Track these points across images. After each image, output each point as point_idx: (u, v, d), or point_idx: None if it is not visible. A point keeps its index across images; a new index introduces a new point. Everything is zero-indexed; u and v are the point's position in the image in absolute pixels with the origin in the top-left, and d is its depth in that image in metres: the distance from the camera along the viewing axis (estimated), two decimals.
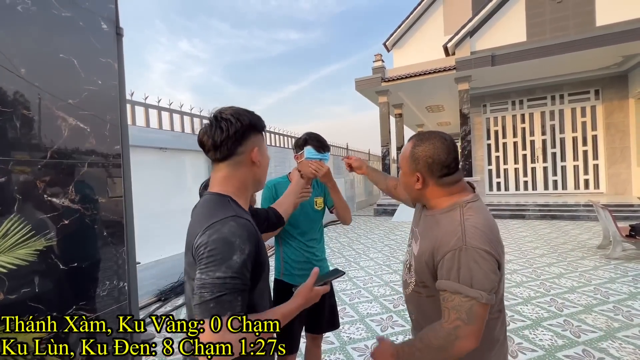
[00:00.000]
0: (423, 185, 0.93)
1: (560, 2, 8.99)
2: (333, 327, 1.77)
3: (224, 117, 0.82)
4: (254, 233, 0.76)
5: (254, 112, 0.90)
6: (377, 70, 10.36)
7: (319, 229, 1.73)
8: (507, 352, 0.97)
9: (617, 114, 9.50)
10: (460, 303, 0.79)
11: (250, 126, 0.84)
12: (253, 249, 0.73)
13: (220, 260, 0.68)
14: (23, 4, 1.18)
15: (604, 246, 4.98)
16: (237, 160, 0.84)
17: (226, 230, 0.71)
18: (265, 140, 0.92)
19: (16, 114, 1.19)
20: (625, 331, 2.53)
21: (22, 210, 1.16)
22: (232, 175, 0.85)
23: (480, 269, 0.79)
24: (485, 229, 0.83)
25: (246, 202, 0.89)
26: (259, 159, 0.87)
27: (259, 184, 0.93)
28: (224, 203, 0.80)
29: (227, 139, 0.81)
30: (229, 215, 0.74)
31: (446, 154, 0.90)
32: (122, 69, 1.57)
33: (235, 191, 0.85)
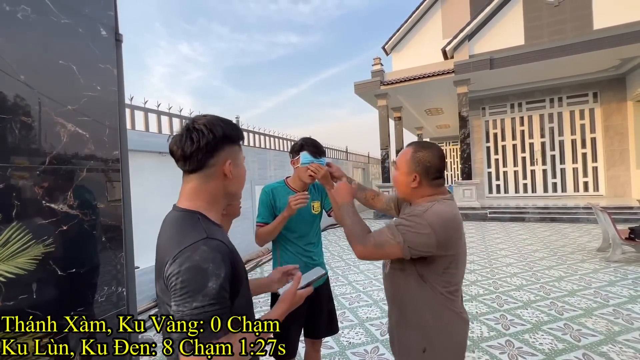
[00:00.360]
0: (418, 184, 1.13)
1: (557, 5, 9.06)
2: (332, 332, 1.76)
3: (196, 127, 0.78)
4: (228, 252, 0.73)
5: (231, 121, 0.86)
6: (376, 73, 10.39)
7: (316, 233, 1.72)
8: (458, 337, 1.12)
9: (615, 116, 9.53)
10: (391, 233, 1.05)
11: (224, 138, 0.80)
12: (229, 270, 0.71)
13: (195, 290, 0.65)
14: (23, 11, 1.18)
15: (604, 249, 4.98)
16: (208, 173, 0.80)
17: (197, 257, 0.68)
18: (241, 150, 0.88)
19: (15, 120, 1.19)
20: (626, 335, 2.52)
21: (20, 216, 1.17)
22: (202, 189, 0.81)
23: (418, 233, 1.01)
24: (444, 217, 1.04)
25: (218, 215, 0.85)
26: (233, 172, 0.83)
27: (232, 196, 0.89)
28: (193, 222, 0.76)
29: (198, 151, 0.77)
30: (199, 239, 0.70)
31: (440, 162, 1.13)
32: (121, 74, 1.57)
33: (206, 205, 0.81)
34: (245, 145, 6.34)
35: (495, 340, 2.53)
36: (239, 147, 0.86)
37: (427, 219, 1.02)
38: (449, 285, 1.08)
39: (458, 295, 1.12)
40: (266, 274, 4.66)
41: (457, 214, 1.09)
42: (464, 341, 1.13)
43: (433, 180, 1.13)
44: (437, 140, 20.75)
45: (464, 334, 1.13)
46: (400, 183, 1.19)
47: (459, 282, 1.12)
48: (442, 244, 1.02)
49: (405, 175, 1.15)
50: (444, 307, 1.08)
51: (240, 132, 0.86)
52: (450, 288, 1.08)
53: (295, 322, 1.62)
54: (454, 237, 1.05)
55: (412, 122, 15.39)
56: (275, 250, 1.69)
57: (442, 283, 1.07)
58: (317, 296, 1.69)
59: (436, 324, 1.08)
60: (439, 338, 1.08)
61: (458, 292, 1.11)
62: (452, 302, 1.09)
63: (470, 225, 8.14)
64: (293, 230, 1.63)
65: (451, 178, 20.52)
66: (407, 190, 1.17)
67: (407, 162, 1.16)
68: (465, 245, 1.13)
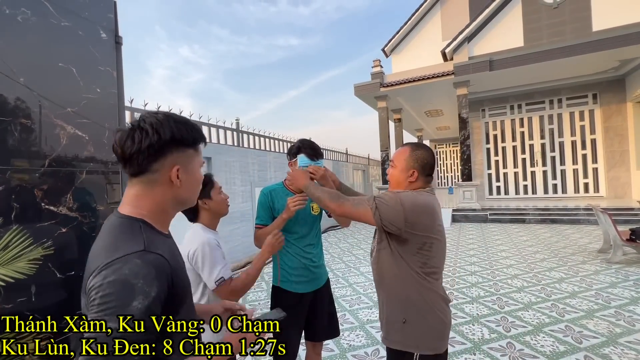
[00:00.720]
0: (416, 179, 1.27)
1: (556, 7, 9.08)
2: (333, 335, 1.75)
3: (142, 126, 0.68)
4: (167, 269, 0.64)
5: (187, 122, 0.75)
6: (375, 75, 10.41)
7: (316, 234, 1.71)
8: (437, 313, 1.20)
9: (615, 117, 9.54)
10: (367, 200, 1.22)
11: (172, 141, 0.70)
12: (164, 289, 0.62)
13: (114, 307, 0.55)
14: (23, 14, 1.19)
15: (605, 250, 4.97)
16: (152, 178, 0.70)
17: (127, 270, 0.58)
18: (198, 155, 0.78)
19: (15, 123, 1.20)
20: (628, 337, 2.51)
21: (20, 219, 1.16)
22: (146, 195, 0.71)
23: (389, 206, 1.16)
24: (417, 202, 1.17)
25: (166, 224, 0.77)
26: (182, 179, 0.73)
27: (183, 204, 0.78)
28: (133, 231, 0.66)
29: (138, 153, 0.67)
30: (134, 251, 0.61)
31: (433, 161, 1.30)
32: (121, 76, 1.58)
33: (150, 213, 0.71)
34: (245, 147, 6.35)
35: (496, 342, 2.52)
36: (194, 151, 0.76)
37: (400, 197, 1.17)
38: (424, 267, 1.19)
39: (437, 279, 1.22)
40: (266, 276, 4.65)
41: (432, 204, 1.21)
42: (445, 318, 1.21)
43: (426, 177, 1.29)
44: (437, 142, 20.77)
45: (444, 311, 1.21)
46: (396, 178, 1.31)
47: (437, 267, 1.22)
48: (409, 223, 1.14)
49: (404, 171, 1.29)
50: (420, 285, 1.19)
51: (197, 134, 0.76)
52: (426, 269, 1.19)
53: (295, 324, 1.61)
54: (423, 221, 1.17)
55: (412, 123, 15.41)
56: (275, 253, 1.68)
57: (417, 263, 1.18)
58: (318, 299, 1.69)
59: (415, 298, 1.19)
60: (417, 311, 1.19)
61: (436, 275, 1.22)
62: (429, 282, 1.19)
63: (470, 227, 8.13)
64: (292, 232, 1.62)
65: (451, 179, 20.52)
66: (401, 185, 1.30)
67: (405, 160, 1.29)
68: (440, 234, 1.22)
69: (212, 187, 1.40)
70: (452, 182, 20.10)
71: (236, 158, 5.76)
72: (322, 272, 1.72)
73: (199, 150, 0.78)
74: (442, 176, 21.05)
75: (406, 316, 1.20)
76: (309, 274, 1.64)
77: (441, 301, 1.22)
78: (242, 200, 5.78)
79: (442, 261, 1.25)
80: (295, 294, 1.61)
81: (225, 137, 5.88)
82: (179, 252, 0.80)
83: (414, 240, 1.17)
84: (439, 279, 1.23)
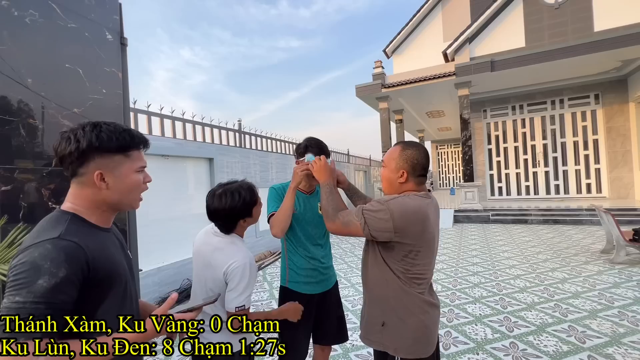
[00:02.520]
0: (406, 180, 1.21)
1: (558, 8, 9.08)
2: (342, 340, 1.73)
3: (69, 134, 0.76)
4: (81, 255, 0.70)
5: (118, 129, 0.80)
6: (377, 76, 10.43)
7: (324, 235, 1.69)
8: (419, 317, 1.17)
9: (617, 118, 9.51)
10: (356, 214, 1.18)
11: (91, 148, 0.75)
12: (75, 272, 0.68)
13: (22, 284, 0.64)
14: (31, 16, 1.21)
15: (608, 251, 4.95)
16: (81, 181, 0.78)
17: (37, 253, 0.66)
18: (128, 160, 0.81)
19: (22, 123, 1.21)
20: (631, 337, 2.50)
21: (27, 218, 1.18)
22: (79, 195, 0.79)
23: (377, 218, 1.12)
24: (406, 208, 1.12)
25: (104, 218, 0.82)
26: (110, 184, 0.78)
27: (119, 206, 0.84)
28: (58, 222, 0.74)
29: (65, 157, 0.75)
30: (49, 238, 0.69)
31: (425, 160, 1.22)
32: (126, 77, 1.60)
33: (85, 210, 0.79)
34: (247, 148, 6.36)
35: (499, 342, 2.52)
36: (123, 156, 0.80)
37: (389, 206, 1.12)
38: (407, 272, 1.15)
39: (421, 284, 1.18)
40: (269, 277, 4.66)
41: (423, 210, 1.15)
42: (428, 322, 1.17)
43: (418, 177, 1.22)
44: (438, 142, 20.75)
45: (426, 315, 1.17)
46: (387, 179, 1.27)
47: (422, 274, 1.18)
48: (399, 230, 1.11)
49: (393, 172, 1.23)
50: (401, 289, 1.16)
51: (123, 142, 0.79)
52: (409, 275, 1.16)
53: (304, 326, 1.59)
54: (412, 228, 1.12)
55: (413, 124, 15.40)
56: (283, 252, 1.67)
57: (401, 268, 1.16)
58: (326, 302, 1.67)
59: (395, 302, 1.17)
60: (397, 315, 1.17)
61: (419, 281, 1.17)
62: (411, 286, 1.16)
63: (472, 228, 8.11)
64: (301, 232, 1.60)
65: (453, 180, 20.48)
66: (393, 186, 1.25)
67: (395, 160, 1.24)
68: (429, 243, 1.17)
69: (255, 203, 1.31)
70: (454, 183, 20.06)
71: (238, 159, 5.78)
72: (330, 273, 1.70)
73: (131, 155, 0.82)
74: (443, 177, 21.01)
75: (385, 319, 1.19)
76: (318, 275, 1.62)
77: (425, 305, 1.17)
78: None
79: (428, 268, 1.20)
80: (304, 295, 1.59)
81: (227, 138, 5.90)
82: (117, 244, 0.85)
83: (401, 248, 1.14)
84: (424, 284, 1.19)
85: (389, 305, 1.18)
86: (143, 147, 0.85)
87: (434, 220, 1.20)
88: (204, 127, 5.35)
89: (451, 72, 9.24)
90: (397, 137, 12.56)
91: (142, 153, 0.87)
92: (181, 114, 4.91)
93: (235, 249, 1.23)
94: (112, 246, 0.82)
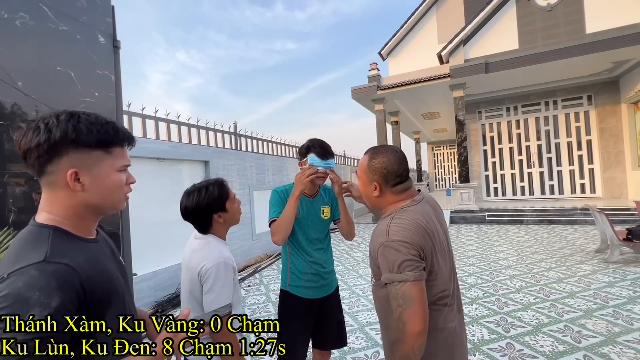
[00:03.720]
0: (380, 193, 1.05)
1: (550, 10, 9.19)
2: (341, 345, 1.72)
3: (38, 124, 0.63)
4: (74, 278, 0.61)
5: (98, 120, 0.69)
6: (372, 78, 10.47)
7: (325, 238, 1.67)
8: (457, 343, 1.01)
9: (610, 118, 9.63)
10: (396, 290, 0.89)
11: (64, 141, 0.63)
12: (70, 298, 0.59)
13: None
14: (21, 19, 1.19)
15: (602, 250, 4.99)
16: (50, 181, 0.65)
17: (21, 283, 0.56)
18: (109, 157, 0.70)
19: (12, 127, 1.19)
20: (626, 336, 2.52)
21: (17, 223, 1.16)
22: (52, 200, 0.67)
23: (403, 255, 0.90)
24: (406, 225, 0.94)
25: (86, 228, 0.72)
26: (86, 184, 0.67)
27: (100, 210, 0.72)
28: (38, 240, 0.62)
29: (29, 152, 0.63)
30: (32, 262, 0.58)
31: (398, 165, 1.04)
32: (119, 80, 1.58)
33: (64, 219, 0.67)
34: (243, 150, 6.35)
35: (496, 342, 2.52)
36: (104, 153, 0.69)
37: (392, 239, 0.93)
38: (429, 295, 0.96)
39: (446, 303, 0.99)
40: (265, 280, 4.63)
41: (420, 217, 0.98)
42: (441, 353, 0.98)
43: (394, 187, 1.04)
44: (434, 144, 20.86)
45: (453, 352, 0.99)
46: (365, 195, 1.12)
47: (444, 290, 0.99)
48: (424, 248, 0.94)
49: (367, 186, 1.08)
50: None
51: (105, 135, 0.68)
52: (432, 297, 0.97)
53: (303, 331, 1.58)
54: (426, 237, 0.96)
55: (409, 126, 15.47)
56: (285, 256, 1.65)
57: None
58: (327, 305, 1.65)
59: None
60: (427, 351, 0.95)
61: (445, 300, 0.99)
62: (437, 311, 0.97)
63: (468, 228, 8.15)
64: (303, 236, 1.58)
65: (449, 181, 20.58)
66: (372, 200, 1.10)
67: (365, 172, 1.08)
68: (443, 249, 1.01)
69: (227, 197, 1.29)
70: (450, 184, 20.16)
71: (234, 161, 5.76)
72: (332, 278, 1.69)
73: (113, 152, 0.71)
74: (440, 178, 21.10)
75: None
76: (319, 280, 1.60)
77: (450, 336, 0.98)
78: (241, 204, 5.76)
79: (447, 278, 1.00)
80: (305, 300, 1.58)
81: (223, 140, 5.88)
82: (108, 254, 0.77)
83: None
84: (449, 303, 0.99)
85: None
86: (128, 144, 0.74)
87: (434, 221, 1.03)
88: (199, 130, 5.33)
89: (446, 73, 9.30)
90: (393, 138, 12.61)
91: (126, 151, 0.75)
92: (176, 117, 4.88)
93: (210, 249, 1.22)
94: (104, 258, 0.74)
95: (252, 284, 4.49)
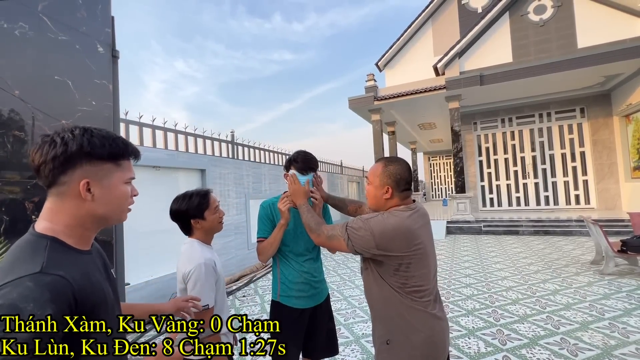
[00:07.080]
0: (391, 195, 1.24)
1: (543, 25, 9.43)
2: (332, 353, 1.71)
3: (54, 138, 0.68)
4: (68, 290, 0.62)
5: (109, 135, 0.73)
6: (369, 89, 10.60)
7: (314, 248, 1.68)
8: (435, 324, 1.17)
9: (602, 131, 9.78)
10: (340, 230, 1.22)
11: (80, 153, 0.68)
12: (62, 309, 0.60)
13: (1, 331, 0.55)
14: (20, 29, 1.20)
15: (597, 262, 5.01)
16: (61, 191, 0.68)
17: (15, 294, 0.56)
18: (119, 169, 0.75)
19: (8, 135, 1.19)
20: (622, 349, 2.51)
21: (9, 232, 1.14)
22: (59, 209, 0.69)
23: (359, 235, 1.16)
24: (386, 226, 1.14)
25: (83, 240, 0.74)
26: (96, 194, 0.70)
27: (105, 221, 0.75)
28: (35, 251, 0.64)
29: (44, 164, 0.66)
30: (28, 274, 0.59)
31: (408, 173, 1.25)
32: (117, 89, 1.59)
33: (66, 229, 0.69)
34: (240, 159, 6.35)
35: (492, 356, 2.50)
36: (114, 165, 0.74)
37: (370, 224, 1.16)
38: (405, 286, 1.15)
39: (422, 297, 1.16)
40: (260, 290, 4.58)
41: (404, 225, 1.15)
42: (434, 337, 1.15)
43: (402, 192, 1.24)
44: (430, 154, 21.01)
45: (433, 330, 1.15)
46: (372, 196, 1.29)
47: (420, 285, 1.16)
48: (381, 247, 1.13)
49: (378, 188, 1.26)
50: (402, 304, 1.15)
51: (116, 149, 0.73)
52: (407, 289, 1.15)
53: (294, 341, 1.57)
54: (396, 243, 1.13)
55: (405, 136, 15.60)
56: (275, 267, 1.65)
57: (397, 283, 1.16)
58: (318, 315, 1.65)
59: (399, 319, 1.16)
60: (401, 331, 1.16)
61: (420, 294, 1.16)
62: (413, 300, 1.15)
63: (465, 239, 8.15)
64: (292, 247, 1.60)
65: (445, 191, 20.66)
66: (379, 202, 1.27)
67: (378, 176, 1.26)
68: (419, 252, 1.16)
69: (206, 207, 1.40)
70: (447, 194, 20.23)
71: (231, 170, 5.75)
72: (322, 287, 1.69)
73: (122, 165, 0.76)
74: (436, 188, 21.19)
75: (390, 337, 1.18)
76: (310, 289, 1.61)
77: (430, 320, 1.16)
78: (236, 212, 5.73)
79: (427, 279, 1.18)
80: (295, 310, 1.58)
81: (220, 149, 5.88)
82: (100, 267, 0.78)
83: (389, 262, 1.15)
84: (425, 296, 1.17)
85: (392, 323, 1.17)
86: (134, 158, 0.80)
87: (420, 230, 1.18)
88: (196, 138, 5.33)
89: (442, 85, 9.45)
90: (389, 148, 12.69)
91: (132, 164, 0.81)
92: (174, 125, 4.89)
93: (192, 252, 1.34)
94: (96, 271, 0.75)
95: (247, 294, 4.43)
